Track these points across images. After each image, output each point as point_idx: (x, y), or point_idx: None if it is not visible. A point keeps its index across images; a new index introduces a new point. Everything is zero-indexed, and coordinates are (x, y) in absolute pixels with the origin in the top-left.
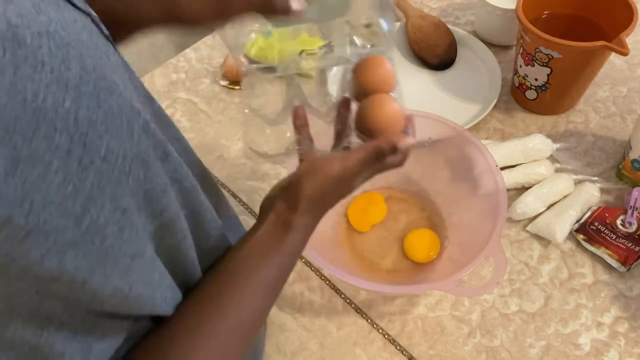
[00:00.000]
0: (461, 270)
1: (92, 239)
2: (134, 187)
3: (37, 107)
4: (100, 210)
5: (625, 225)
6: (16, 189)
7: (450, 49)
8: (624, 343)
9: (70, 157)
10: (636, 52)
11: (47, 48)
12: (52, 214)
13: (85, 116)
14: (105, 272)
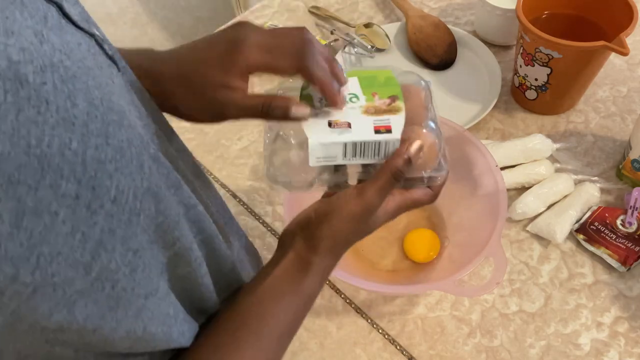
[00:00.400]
0: (461, 270)
1: (102, 285)
2: (145, 223)
3: (42, 152)
4: (111, 254)
5: (625, 225)
6: (22, 244)
7: (450, 49)
8: (624, 343)
9: (78, 203)
10: (636, 52)
11: (51, 84)
12: (60, 266)
13: (93, 156)
14: (116, 316)
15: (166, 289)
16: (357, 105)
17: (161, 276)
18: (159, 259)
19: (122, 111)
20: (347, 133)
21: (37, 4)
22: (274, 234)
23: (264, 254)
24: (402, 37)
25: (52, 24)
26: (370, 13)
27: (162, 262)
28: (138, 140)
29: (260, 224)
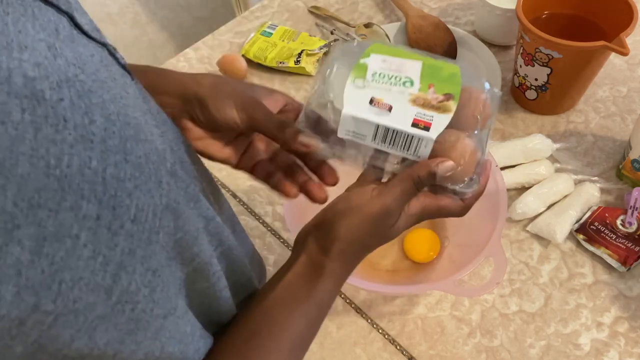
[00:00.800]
0: (461, 270)
1: (123, 308)
2: (164, 240)
3: (62, 173)
4: (132, 276)
5: (625, 225)
6: (43, 271)
7: (450, 49)
8: (624, 343)
9: (99, 225)
10: (636, 52)
11: (68, 100)
12: (81, 292)
13: (113, 175)
14: (136, 339)
15: (184, 307)
16: (408, 91)
17: (179, 294)
18: (177, 276)
19: (138, 124)
20: (384, 116)
21: (48, 15)
22: (274, 234)
23: (264, 254)
24: (402, 37)
25: (64, 36)
26: (370, 13)
27: (180, 278)
28: (155, 155)
29: (260, 224)
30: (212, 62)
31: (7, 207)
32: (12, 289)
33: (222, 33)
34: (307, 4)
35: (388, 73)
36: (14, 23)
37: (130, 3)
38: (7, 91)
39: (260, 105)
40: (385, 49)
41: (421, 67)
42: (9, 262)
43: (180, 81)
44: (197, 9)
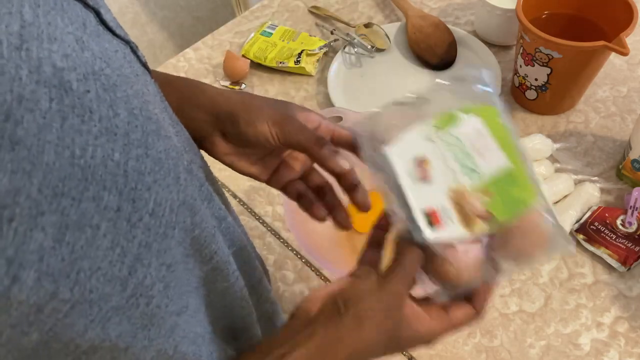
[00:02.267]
0: None
1: (137, 302)
2: (180, 236)
3: (86, 163)
4: (147, 269)
5: (625, 225)
6: (63, 259)
7: (450, 49)
8: (624, 343)
9: (119, 216)
10: (636, 52)
11: (94, 93)
12: (98, 282)
13: (134, 168)
14: (149, 335)
15: (196, 306)
16: (460, 178)
17: (192, 292)
18: (195, 273)
19: (158, 121)
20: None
21: (77, 10)
22: (274, 234)
23: (264, 254)
24: (402, 37)
25: (91, 31)
26: (370, 13)
27: (198, 276)
28: (174, 152)
29: (260, 224)
30: (212, 62)
31: (33, 193)
32: (33, 274)
33: (222, 33)
34: (307, 4)
35: (466, 145)
36: (44, 15)
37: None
38: (36, 80)
39: (295, 121)
40: (493, 122)
41: (503, 168)
42: (32, 247)
43: (211, 97)
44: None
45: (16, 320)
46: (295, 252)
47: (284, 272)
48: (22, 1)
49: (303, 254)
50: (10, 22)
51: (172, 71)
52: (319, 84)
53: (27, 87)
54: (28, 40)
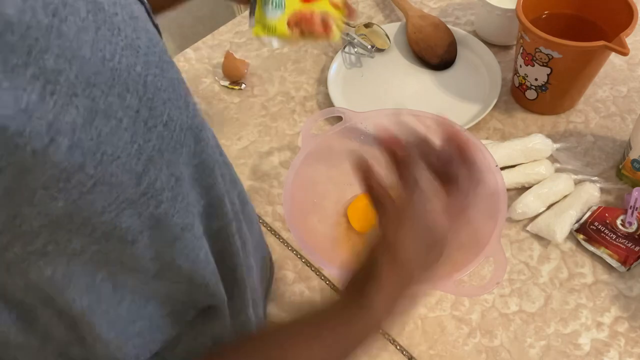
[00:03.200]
0: (461, 270)
1: (148, 201)
2: (187, 157)
3: (114, 66)
4: (159, 173)
5: (625, 225)
6: (91, 139)
7: (450, 49)
8: (624, 343)
9: (138, 117)
10: (636, 52)
11: (121, 17)
12: (118, 168)
13: (152, 82)
14: (153, 235)
15: (200, 232)
16: None
17: (197, 218)
18: (198, 202)
19: (170, 58)
20: None
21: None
22: (274, 233)
23: None
24: (402, 37)
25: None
26: (370, 13)
27: (199, 208)
28: (184, 85)
29: (260, 224)
30: (212, 62)
31: (71, 77)
32: (67, 142)
33: (222, 33)
34: None
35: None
36: None
37: None
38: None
39: None
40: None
41: None
42: (67, 119)
43: None
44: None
45: (48, 182)
46: (295, 252)
47: (284, 272)
48: None
49: (303, 254)
50: None
51: None
52: (319, 84)
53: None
54: None
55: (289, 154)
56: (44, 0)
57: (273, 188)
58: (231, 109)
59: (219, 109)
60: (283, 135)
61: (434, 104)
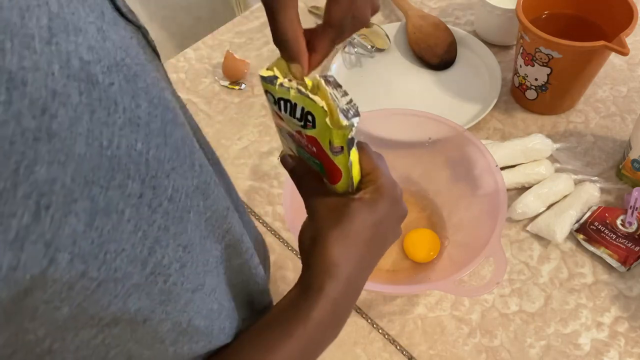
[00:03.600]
0: (461, 270)
1: (155, 279)
2: (195, 219)
3: (112, 154)
4: (165, 250)
5: (625, 225)
6: (93, 242)
7: (450, 49)
8: (624, 343)
9: (141, 202)
10: (636, 52)
11: (118, 85)
12: (122, 262)
13: (154, 156)
14: (166, 309)
15: (212, 285)
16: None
17: (209, 272)
18: (213, 254)
19: (175, 109)
20: None
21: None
22: (274, 233)
23: None
24: (402, 37)
25: (109, 19)
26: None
27: (215, 256)
28: (189, 139)
29: (260, 224)
30: (212, 62)
31: (67, 182)
32: (67, 256)
33: (222, 33)
34: (307, 4)
35: None
36: (67, 5)
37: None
38: (67, 74)
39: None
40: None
41: None
42: (67, 232)
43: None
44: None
45: (50, 297)
46: (295, 252)
47: (284, 272)
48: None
49: None
50: (39, 14)
51: (172, 71)
52: None
53: (59, 82)
54: (56, 33)
55: None
56: (31, 97)
57: (273, 188)
58: (231, 109)
59: (219, 109)
60: None
61: (434, 104)
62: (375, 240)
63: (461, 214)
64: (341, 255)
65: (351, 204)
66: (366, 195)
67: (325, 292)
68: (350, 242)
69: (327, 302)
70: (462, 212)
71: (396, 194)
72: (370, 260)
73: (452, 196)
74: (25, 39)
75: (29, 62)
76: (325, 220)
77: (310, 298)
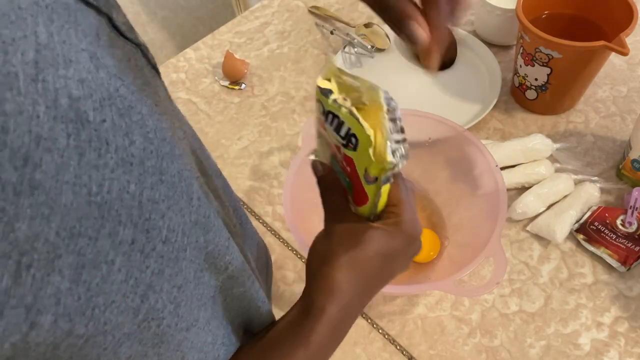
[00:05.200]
0: (461, 270)
1: (148, 325)
2: (193, 255)
3: (102, 199)
4: (159, 295)
5: (625, 225)
6: (79, 298)
7: (450, 49)
8: (624, 343)
9: (133, 249)
10: (636, 52)
11: (110, 121)
12: (112, 314)
13: (148, 197)
14: (159, 352)
15: (206, 318)
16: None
17: (203, 305)
18: (211, 284)
19: (172, 138)
20: None
21: (90, 18)
22: (274, 233)
23: None
24: None
25: (104, 41)
26: (370, 13)
27: (214, 286)
28: (187, 171)
29: (260, 224)
30: (212, 62)
31: (51, 237)
32: (50, 317)
33: (222, 33)
34: (307, 4)
35: None
36: (58, 32)
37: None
38: (54, 115)
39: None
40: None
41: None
42: (49, 292)
43: None
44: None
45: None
46: (295, 252)
47: (284, 272)
48: (37, 18)
49: (303, 254)
50: (25, 48)
51: (172, 71)
52: None
53: (44, 126)
54: (44, 68)
55: (289, 154)
56: (12, 147)
57: (273, 188)
58: (231, 109)
59: (219, 109)
60: (283, 135)
61: (434, 104)
62: (383, 271)
63: (461, 214)
64: (348, 281)
65: (369, 231)
66: (386, 226)
67: (327, 313)
68: (358, 269)
69: (328, 323)
70: (462, 212)
71: (415, 232)
72: (373, 289)
73: (452, 196)
74: (7, 78)
75: (11, 106)
76: (340, 241)
77: (311, 318)
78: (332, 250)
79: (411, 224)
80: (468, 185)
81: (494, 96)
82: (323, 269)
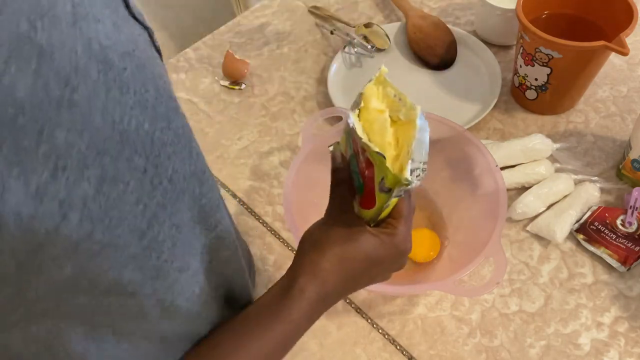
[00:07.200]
0: (461, 270)
1: (150, 254)
2: (190, 203)
3: (123, 129)
4: (161, 227)
5: (625, 225)
6: (101, 206)
7: (450, 48)
8: (624, 343)
9: (145, 178)
10: (636, 52)
11: (130, 71)
12: (124, 230)
13: (159, 138)
14: (154, 285)
15: (197, 268)
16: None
17: (194, 256)
18: (201, 240)
19: (176, 99)
20: None
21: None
22: (274, 233)
23: (264, 254)
24: (402, 37)
25: (122, 16)
26: (370, 13)
27: (203, 243)
28: (188, 129)
29: (260, 224)
30: (212, 62)
31: (82, 148)
32: (77, 216)
33: (222, 33)
34: (307, 4)
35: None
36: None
37: None
38: (88, 55)
39: None
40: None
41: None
42: (79, 193)
43: None
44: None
45: (57, 254)
46: (295, 252)
47: (284, 272)
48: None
49: None
50: (65, 2)
51: (172, 71)
52: (319, 84)
53: (81, 60)
54: (79, 19)
55: (289, 154)
56: (56, 70)
57: (273, 188)
58: (231, 109)
59: (219, 109)
60: (283, 135)
61: (434, 104)
62: (364, 274)
63: (461, 214)
64: (332, 272)
65: (365, 234)
66: (381, 235)
67: (306, 296)
68: (345, 265)
69: (306, 304)
70: (462, 212)
71: (405, 249)
72: (350, 289)
73: (452, 196)
74: (53, 19)
75: (57, 40)
76: (337, 235)
77: (290, 298)
78: (326, 239)
79: (404, 240)
80: (468, 185)
81: (494, 96)
82: (313, 255)
